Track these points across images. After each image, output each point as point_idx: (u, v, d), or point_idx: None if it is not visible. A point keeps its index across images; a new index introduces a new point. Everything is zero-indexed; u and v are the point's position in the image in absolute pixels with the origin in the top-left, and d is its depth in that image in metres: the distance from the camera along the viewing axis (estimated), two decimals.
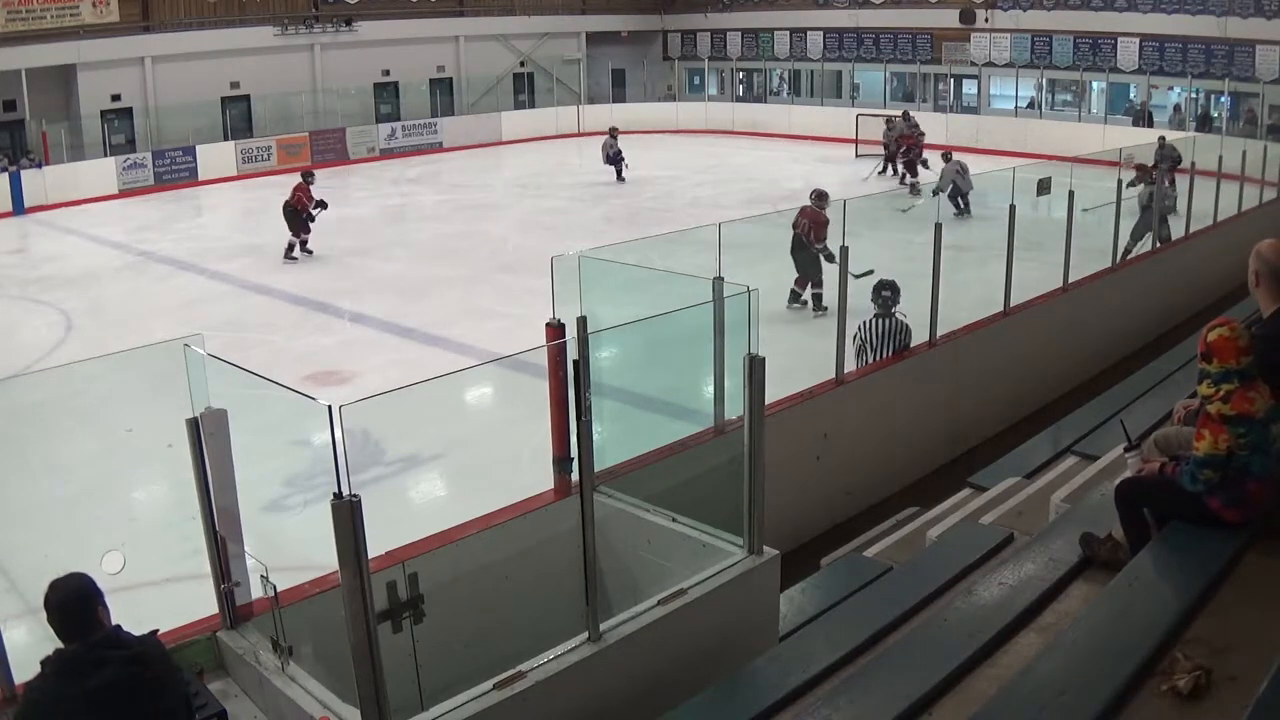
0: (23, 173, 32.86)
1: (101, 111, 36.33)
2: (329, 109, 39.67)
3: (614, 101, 46.32)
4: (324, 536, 4.57)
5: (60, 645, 4.34)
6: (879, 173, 31.80)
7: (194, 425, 5.62)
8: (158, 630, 4.62)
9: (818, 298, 16.85)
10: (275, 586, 5.63)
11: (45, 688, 4.29)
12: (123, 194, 33.38)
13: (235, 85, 38.60)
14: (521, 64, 45.68)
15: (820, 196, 17.49)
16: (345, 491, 4.44)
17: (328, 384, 13.64)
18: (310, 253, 23.00)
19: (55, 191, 32.72)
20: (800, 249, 17.09)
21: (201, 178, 36.07)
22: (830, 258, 15.04)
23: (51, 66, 35.29)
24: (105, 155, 35.18)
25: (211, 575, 5.88)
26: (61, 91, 36.02)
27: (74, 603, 4.34)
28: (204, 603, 6.01)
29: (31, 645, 4.94)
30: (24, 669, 5.27)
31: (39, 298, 20.98)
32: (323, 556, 4.83)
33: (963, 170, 24.15)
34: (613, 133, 32.66)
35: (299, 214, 22.97)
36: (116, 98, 36.70)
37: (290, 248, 22.84)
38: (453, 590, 5.75)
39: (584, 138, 41.24)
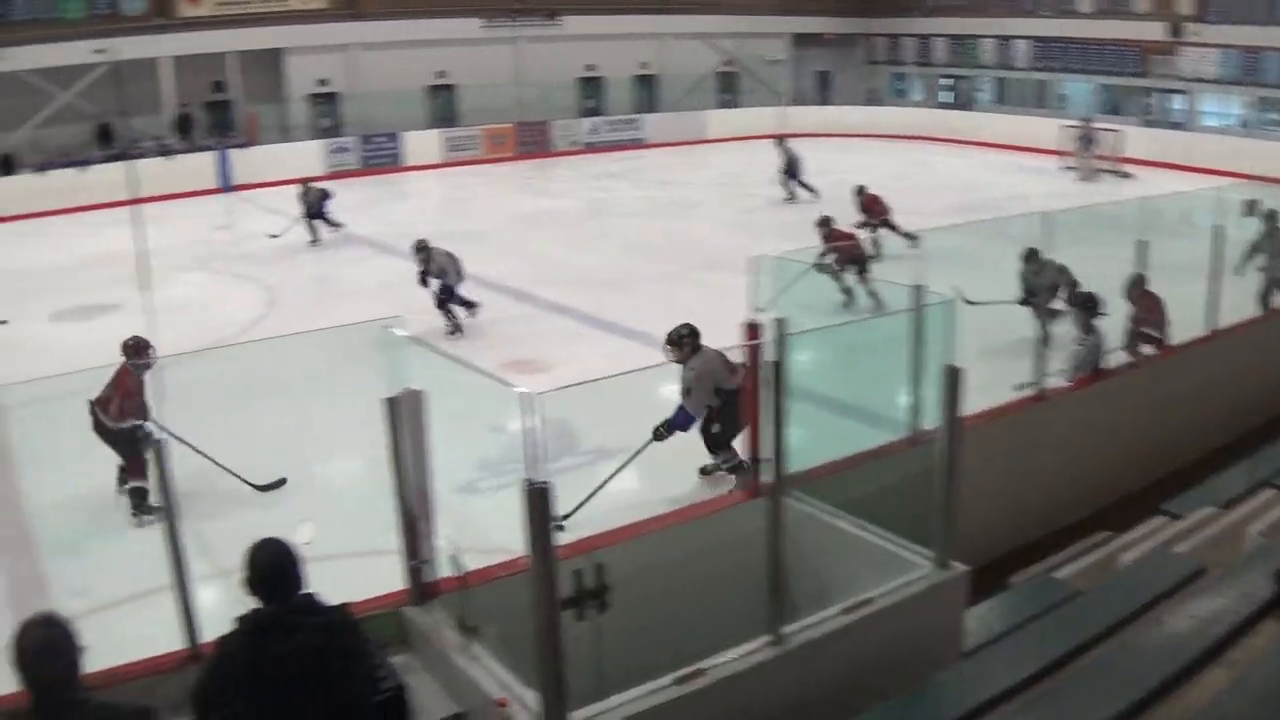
0: (230, 152, 33.82)
1: (308, 95, 37.24)
2: (533, 101, 40.03)
3: (817, 104, 45.98)
4: (513, 522, 4.59)
5: (254, 606, 4.45)
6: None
7: (392, 405, 5.69)
8: (346, 602, 4.70)
9: None
10: (464, 567, 5.68)
11: (236, 645, 4.41)
12: (328, 176, 34.15)
13: (441, 75, 39.18)
14: (725, 63, 45.57)
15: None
16: (537, 478, 4.46)
17: (525, 372, 13.75)
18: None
19: (262, 171, 33.71)
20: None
21: (405, 163, 36.78)
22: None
23: (261, 50, 36.35)
24: (311, 138, 36.06)
25: (401, 552, 5.96)
26: (270, 75, 37.03)
27: (274, 567, 4.46)
28: (392, 578, 6.09)
29: (217, 607, 5.05)
30: (207, 630, 5.42)
31: (243, 273, 21.52)
32: (511, 541, 4.85)
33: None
34: (781, 140, 30.19)
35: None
36: (323, 82, 37.58)
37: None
38: (638, 583, 5.74)
39: (795, 139, 40.84)
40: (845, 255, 16.99)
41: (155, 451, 5.50)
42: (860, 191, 20.78)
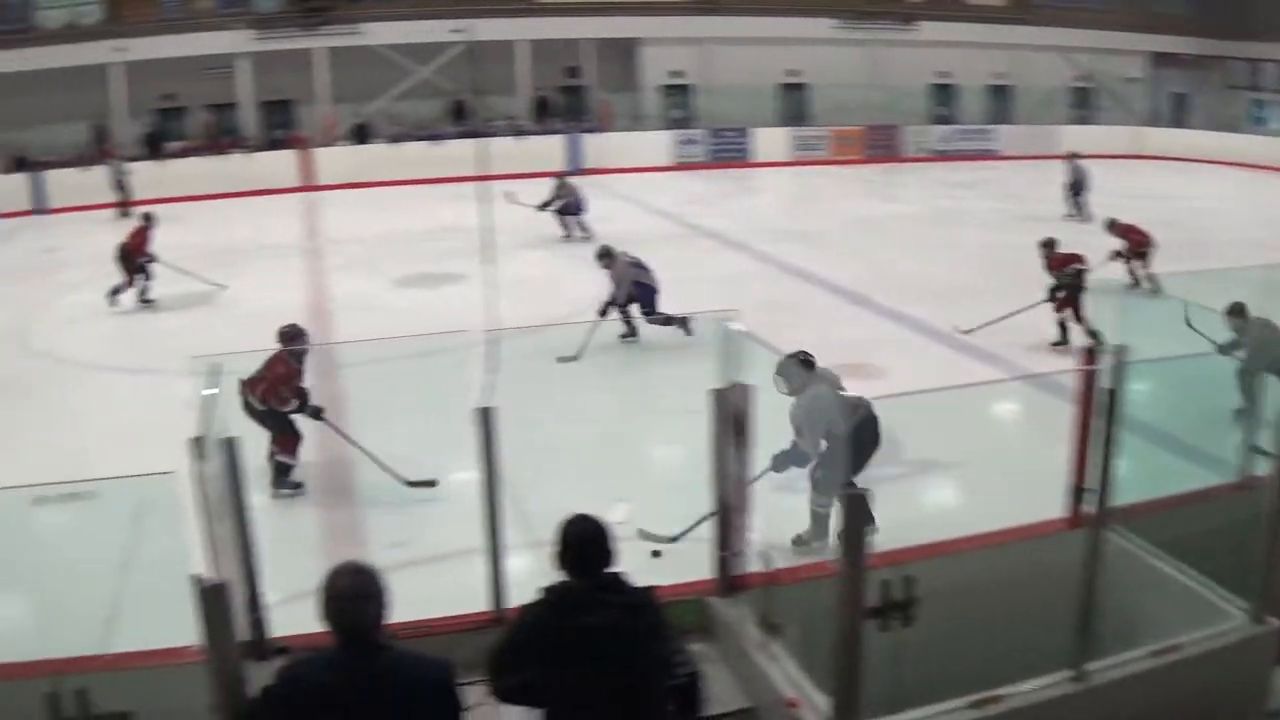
0: (582, 136, 34.60)
1: (662, 86, 37.77)
2: (883, 105, 39.72)
3: (1173, 126, 44.32)
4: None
5: (560, 579, 4.57)
6: None
7: (720, 396, 5.74)
8: (653, 585, 4.75)
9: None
10: (773, 563, 5.69)
11: (540, 615, 4.52)
12: (675, 167, 34.57)
13: (793, 73, 39.25)
14: (1080, 78, 44.34)
15: None
16: (856, 484, 4.45)
17: (856, 376, 13.63)
18: (150, 301, 19.68)
19: (611, 157, 34.39)
20: None
21: (753, 159, 36.91)
22: None
23: (616, 39, 37.00)
24: (661, 128, 36.56)
25: (713, 542, 6.00)
26: (624, 64, 37.72)
27: (585, 543, 4.54)
28: (699, 567, 6.14)
29: (527, 576, 5.17)
30: (513, 596, 5.57)
31: (584, 255, 21.94)
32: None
33: None
34: (1072, 157, 28.56)
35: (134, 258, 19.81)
36: (677, 74, 38.07)
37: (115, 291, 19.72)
38: (943, 600, 5.65)
39: (1143, 160, 39.56)
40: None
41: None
42: (1112, 225, 19.50)
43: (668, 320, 15.67)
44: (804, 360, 9.64)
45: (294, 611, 5.77)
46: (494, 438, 5.72)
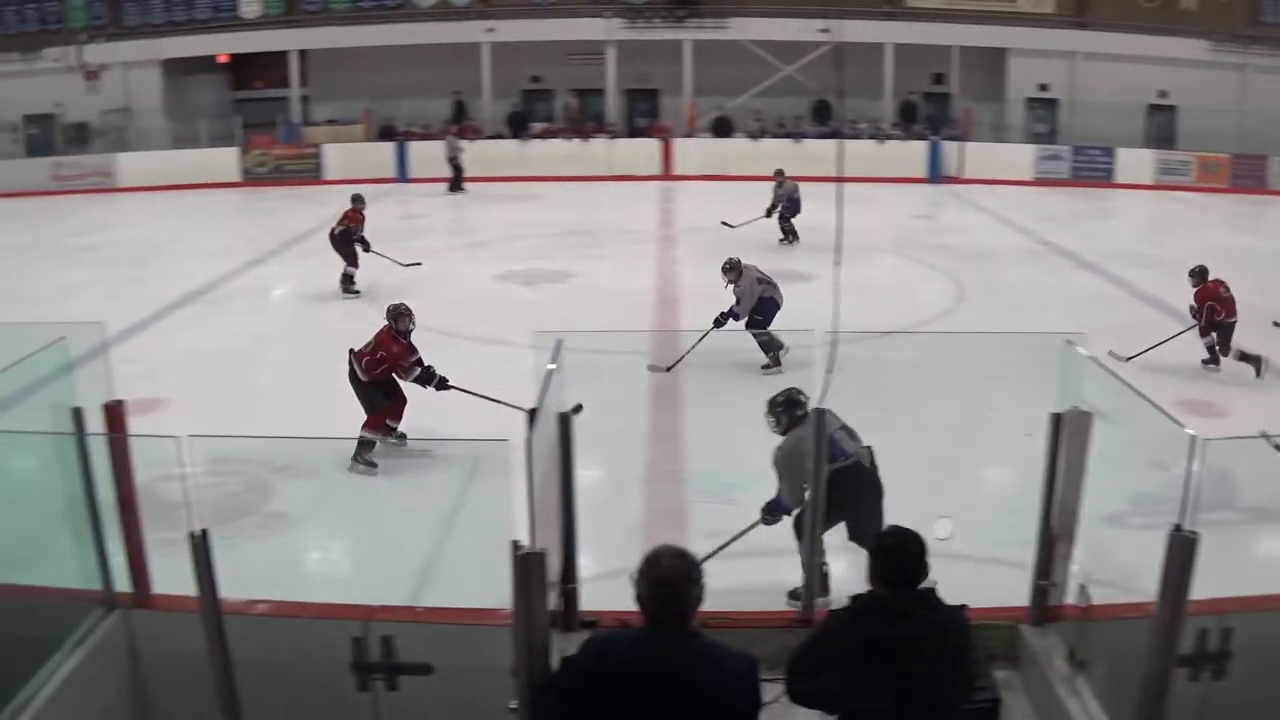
0: (944, 144, 34.20)
1: (1027, 99, 37.01)
2: (1253, 132, 37.92)
3: None
4: (1151, 563, 4.48)
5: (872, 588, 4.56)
6: None
7: (1058, 421, 5.65)
8: (965, 606, 4.73)
9: None
10: (1089, 598, 5.59)
11: (846, 622, 4.53)
12: (1035, 182, 33.87)
13: (1162, 94, 37.81)
14: None
15: None
16: (1186, 526, 4.34)
17: (1199, 414, 13.18)
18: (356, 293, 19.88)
19: (971, 167, 33.98)
20: None
21: (1115, 180, 35.76)
22: None
23: (983, 48, 36.36)
24: (1025, 142, 35.84)
25: (1032, 569, 5.93)
26: (991, 73, 37.05)
27: (900, 555, 4.52)
28: (1014, 592, 6.08)
29: (842, 582, 5.21)
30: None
31: (937, 264, 21.78)
32: (1142, 583, 4.74)
33: None
34: None
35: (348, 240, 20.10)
36: (1044, 87, 37.23)
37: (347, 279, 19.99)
38: (1263, 657, 5.44)
39: None
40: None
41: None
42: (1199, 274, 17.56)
43: (769, 342, 15.15)
44: (790, 400, 9.06)
45: (606, 587, 5.96)
46: (824, 439, 5.77)
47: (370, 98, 37.03)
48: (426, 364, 12.15)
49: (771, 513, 8.75)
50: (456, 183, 32.98)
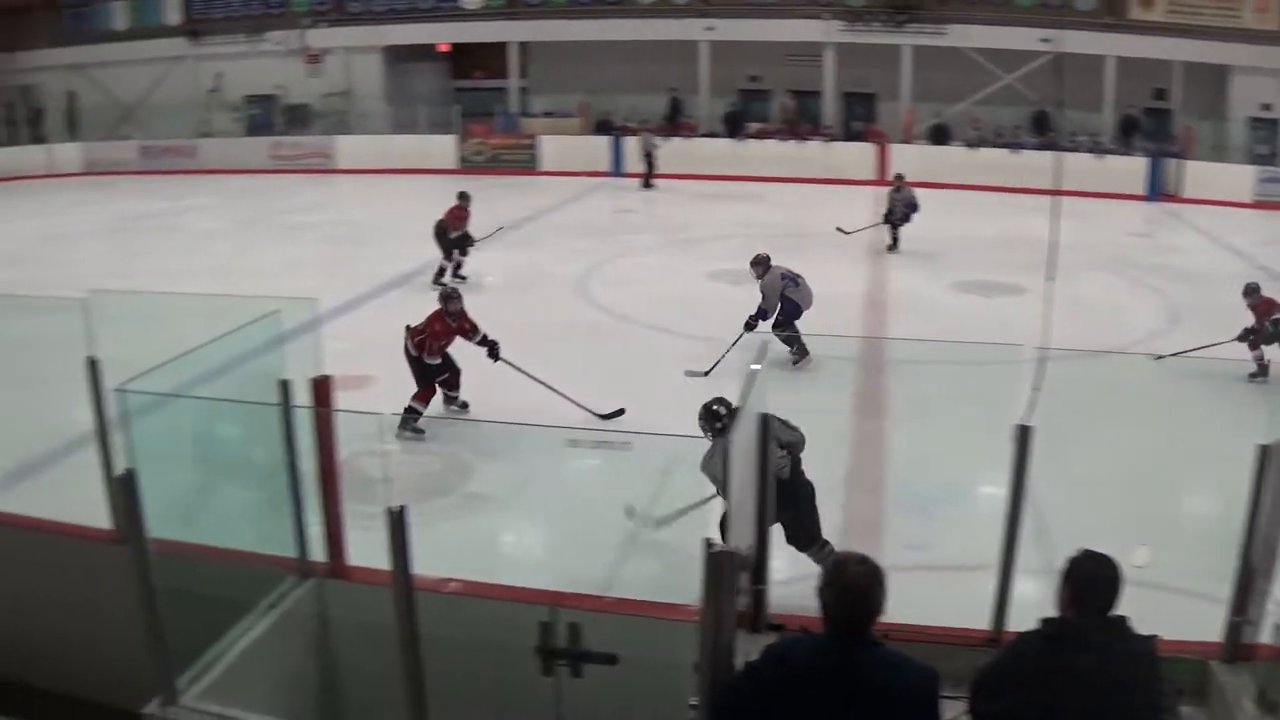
0: (1164, 161, 33.40)
1: (1249, 118, 35.90)
2: None
3: None
4: None
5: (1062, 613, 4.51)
6: None
7: (1266, 453, 5.51)
8: (1156, 637, 4.65)
9: None
10: None
11: (1034, 646, 4.47)
12: (1256, 204, 32.86)
13: None
14: None
15: None
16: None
17: None
18: (463, 278, 20.53)
19: (1190, 187, 32.98)
20: None
21: None
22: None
23: (1206, 65, 35.28)
24: (1245, 162, 34.79)
25: (1227, 604, 5.82)
26: (1213, 91, 35.86)
27: (1093, 580, 4.45)
28: (1207, 627, 5.97)
29: (1029, 606, 5.16)
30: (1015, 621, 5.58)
31: (1151, 284, 21.30)
32: None
33: None
34: None
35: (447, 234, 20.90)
36: (1266, 107, 36.04)
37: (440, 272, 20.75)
38: None
39: None
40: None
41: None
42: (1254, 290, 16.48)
43: (791, 340, 15.13)
44: (708, 412, 8.88)
45: (796, 591, 5.99)
46: (1027, 456, 5.74)
47: (587, 91, 37.49)
48: (490, 338, 13.56)
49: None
50: (648, 178, 33.26)
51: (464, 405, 13.49)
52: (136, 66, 42.55)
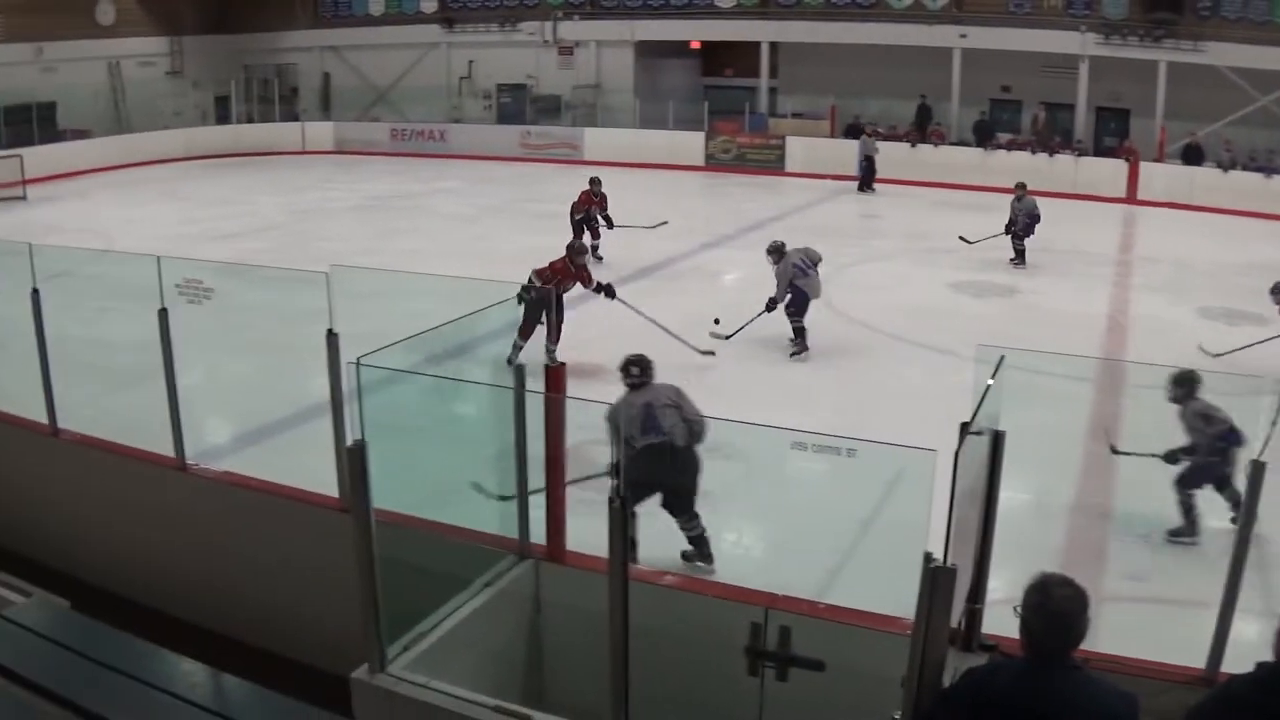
0: None
1: None
2: None
3: None
4: None
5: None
6: None
7: None
8: None
9: None
10: None
11: (1245, 691, 4.28)
12: None
13: None
14: None
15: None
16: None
17: None
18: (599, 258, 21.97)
19: None
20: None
21: None
22: None
23: None
24: None
25: None
26: None
27: None
28: None
29: (1251, 643, 4.98)
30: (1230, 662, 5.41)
31: None
32: None
33: None
34: None
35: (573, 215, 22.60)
36: None
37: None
38: None
39: None
40: None
41: None
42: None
43: (796, 329, 16.13)
44: (626, 364, 9.81)
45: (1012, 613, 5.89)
46: (1258, 493, 5.55)
47: (837, 94, 37.26)
48: (605, 283, 15.80)
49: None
50: (866, 182, 33.06)
51: (559, 364, 14.61)
52: (390, 51, 44.07)
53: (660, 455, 9.15)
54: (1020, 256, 22.91)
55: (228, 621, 8.74)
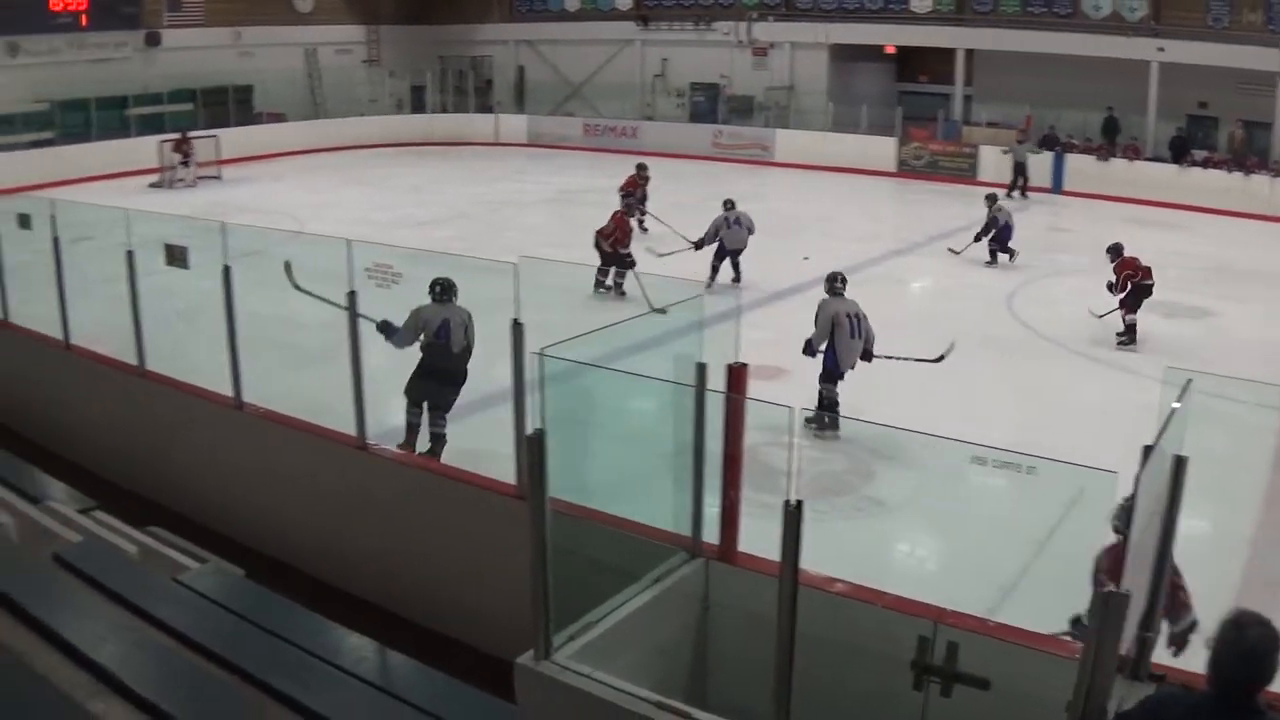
0: None
1: None
2: None
3: None
4: None
5: None
6: None
7: None
8: None
9: None
10: None
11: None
12: None
13: None
14: None
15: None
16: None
17: None
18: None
19: None
20: None
21: None
22: None
23: None
24: None
25: None
26: None
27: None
28: None
29: None
30: None
31: None
32: None
33: None
34: None
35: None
36: None
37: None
38: None
39: None
40: None
41: None
42: None
43: (712, 270, 19.26)
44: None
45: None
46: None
47: (1032, 104, 36.64)
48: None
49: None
50: (1018, 187, 32.73)
51: (620, 289, 18.85)
52: (585, 47, 44.55)
53: (432, 353, 11.41)
54: (994, 258, 23.02)
55: (396, 599, 8.94)
